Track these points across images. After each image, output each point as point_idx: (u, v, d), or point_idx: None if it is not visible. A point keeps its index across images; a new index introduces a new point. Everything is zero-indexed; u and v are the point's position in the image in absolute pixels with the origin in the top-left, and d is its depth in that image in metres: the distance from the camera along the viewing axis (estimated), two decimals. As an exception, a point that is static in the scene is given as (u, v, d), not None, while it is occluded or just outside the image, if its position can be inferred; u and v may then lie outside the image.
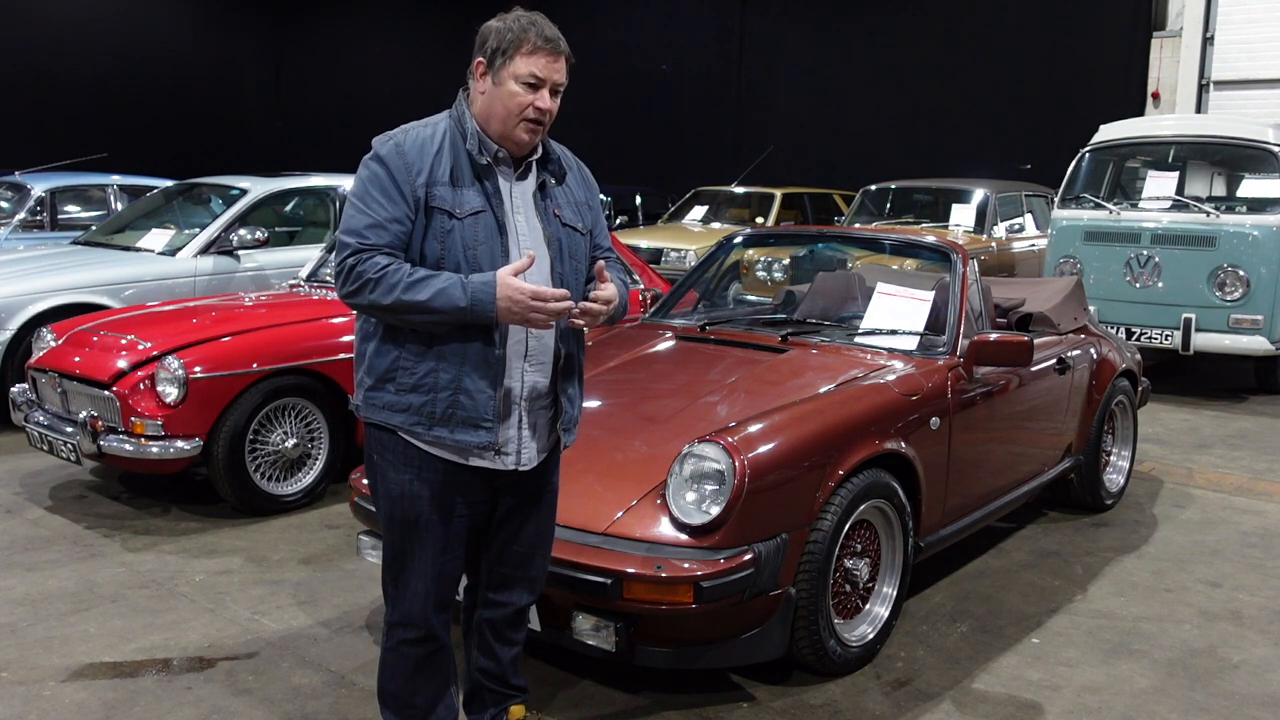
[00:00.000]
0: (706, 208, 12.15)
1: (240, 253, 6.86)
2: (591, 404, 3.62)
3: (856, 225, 9.96)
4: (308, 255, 6.71)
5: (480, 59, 2.38)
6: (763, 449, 3.02)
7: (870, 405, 3.45)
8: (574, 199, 2.55)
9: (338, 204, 7.50)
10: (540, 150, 2.47)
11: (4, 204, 9.18)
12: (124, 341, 4.84)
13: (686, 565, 2.83)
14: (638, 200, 14.01)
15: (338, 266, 2.32)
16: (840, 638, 3.26)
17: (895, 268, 5.76)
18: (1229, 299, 7.52)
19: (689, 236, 10.83)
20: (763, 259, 8.62)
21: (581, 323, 2.41)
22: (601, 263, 2.49)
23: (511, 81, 2.33)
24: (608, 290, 2.43)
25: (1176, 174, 8.20)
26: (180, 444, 4.52)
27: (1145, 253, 7.81)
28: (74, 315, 5.60)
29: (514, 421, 2.43)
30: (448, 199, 2.32)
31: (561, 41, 2.37)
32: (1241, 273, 7.46)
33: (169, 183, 8.54)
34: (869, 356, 3.92)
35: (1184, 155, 8.39)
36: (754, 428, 3.13)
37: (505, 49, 2.34)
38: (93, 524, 4.65)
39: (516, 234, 2.40)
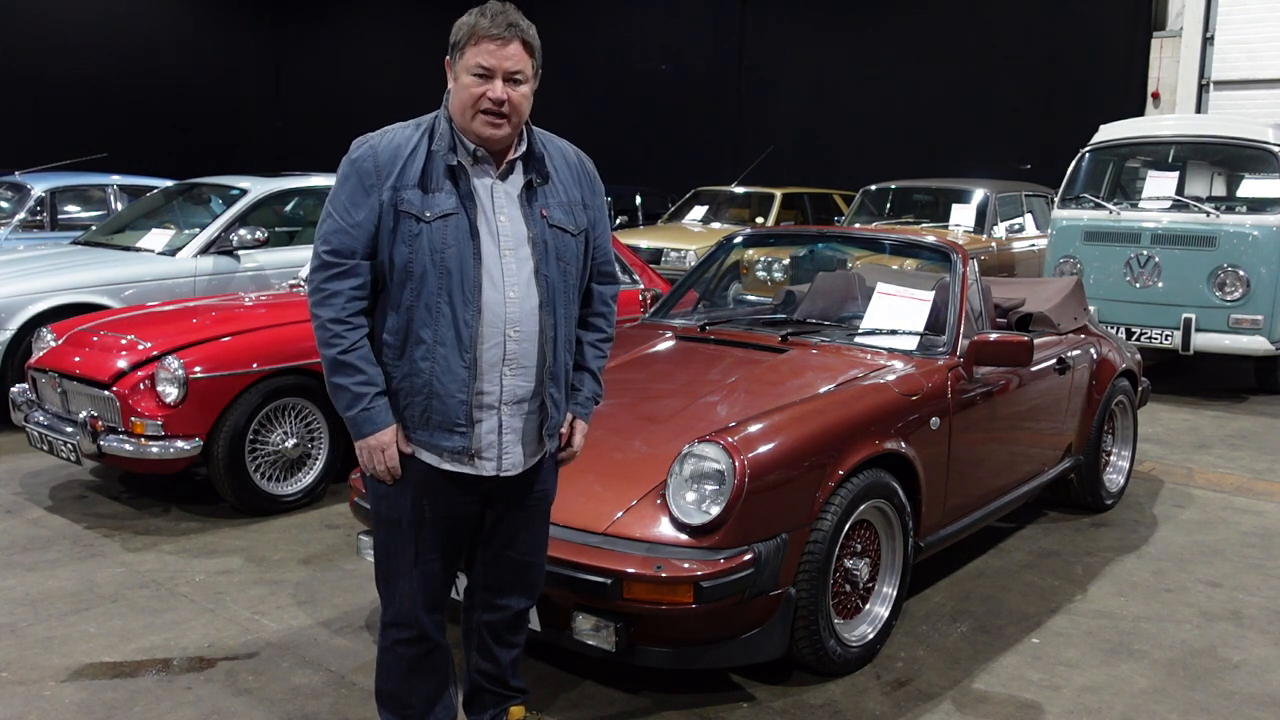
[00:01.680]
0: (706, 208, 12.14)
1: (240, 253, 6.85)
2: (591, 404, 3.61)
3: (856, 225, 9.96)
4: (308, 255, 6.65)
5: (448, 58, 2.38)
6: (763, 449, 3.02)
7: (870, 405, 3.45)
8: (567, 198, 2.48)
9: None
10: (525, 147, 2.42)
11: (4, 204, 9.18)
12: (124, 341, 4.84)
13: (686, 565, 2.83)
14: (638, 200, 14.00)
15: (309, 275, 2.37)
16: (840, 638, 3.26)
17: (895, 268, 5.76)
18: (1229, 299, 7.52)
19: (689, 236, 10.82)
20: (763, 259, 8.61)
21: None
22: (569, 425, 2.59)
23: (465, 75, 2.32)
24: (569, 452, 2.62)
25: (1176, 174, 8.20)
26: (180, 444, 4.52)
27: (1145, 253, 7.81)
28: (74, 315, 5.60)
29: (492, 426, 2.39)
30: (415, 203, 2.30)
31: (516, 28, 2.31)
32: (1241, 273, 7.46)
33: (169, 183, 8.54)
34: (869, 356, 3.92)
35: (1184, 155, 8.39)
36: (754, 428, 3.13)
37: (459, 42, 2.33)
38: (93, 524, 4.65)
39: (497, 235, 2.36)
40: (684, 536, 2.91)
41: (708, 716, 3.07)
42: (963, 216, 9.61)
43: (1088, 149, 8.57)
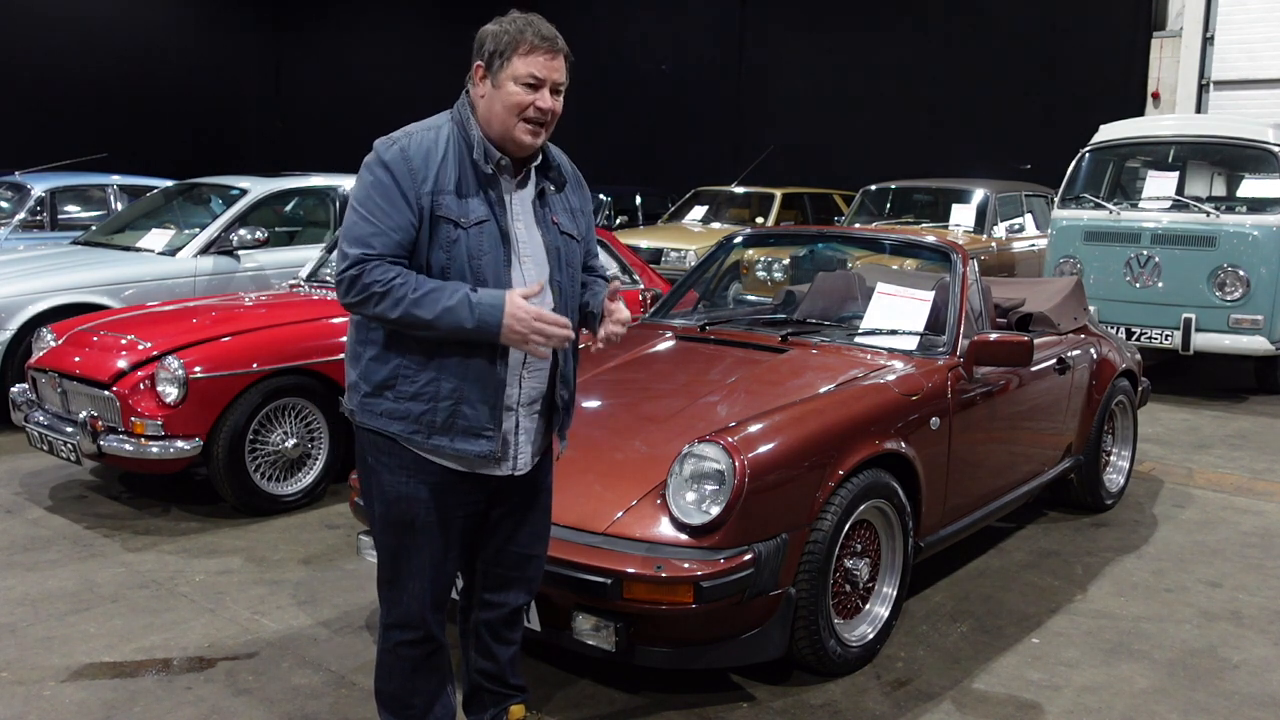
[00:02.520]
0: (706, 208, 12.15)
1: (240, 253, 6.86)
2: (591, 404, 3.62)
3: (856, 225, 9.96)
4: (308, 255, 6.71)
5: (479, 63, 2.37)
6: (763, 449, 3.02)
7: (870, 405, 3.45)
8: (570, 205, 2.55)
9: (338, 204, 7.50)
10: (540, 156, 2.46)
11: (4, 204, 9.18)
12: (124, 341, 4.84)
13: (686, 565, 2.83)
14: (638, 200, 14.00)
15: (339, 276, 2.29)
16: (840, 638, 3.26)
17: (895, 268, 5.76)
18: (1229, 299, 7.52)
19: (689, 236, 10.83)
20: (763, 259, 8.62)
21: (602, 345, 2.53)
22: (617, 283, 2.56)
23: (510, 83, 2.32)
24: (624, 311, 2.53)
25: (1176, 174, 8.20)
26: (180, 444, 4.52)
27: (1145, 253, 7.81)
28: (74, 315, 5.60)
29: (511, 428, 2.43)
30: (454, 208, 2.31)
31: (559, 40, 2.37)
32: (1241, 273, 7.46)
33: (169, 183, 8.54)
34: (869, 356, 3.92)
35: (1184, 155, 8.39)
36: (754, 428, 3.13)
37: (503, 51, 2.32)
38: (93, 524, 4.65)
39: (517, 242, 2.39)
40: (684, 536, 2.91)
41: (708, 716, 3.07)
42: (963, 216, 9.61)
43: (1088, 149, 8.57)
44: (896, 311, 4.10)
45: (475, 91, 2.39)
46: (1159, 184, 8.12)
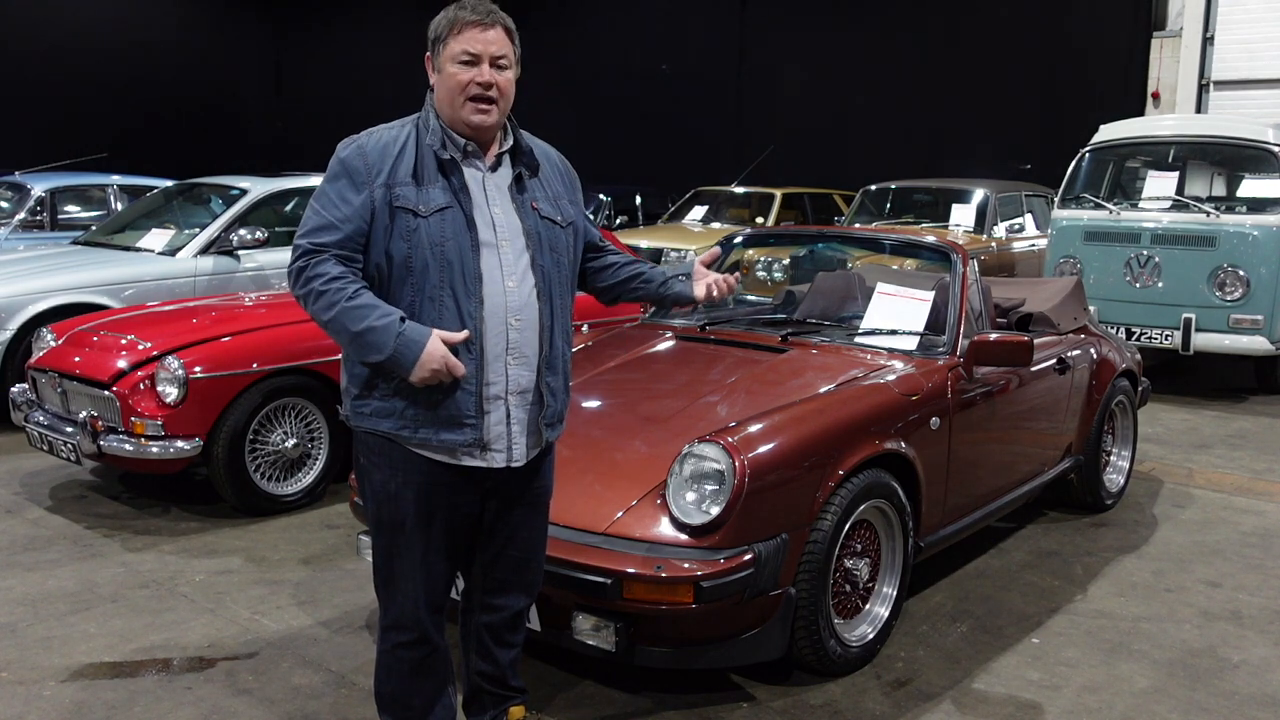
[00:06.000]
0: (706, 208, 12.15)
1: (240, 253, 6.86)
2: (591, 404, 3.62)
3: (856, 225, 9.96)
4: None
5: (428, 54, 2.42)
6: (763, 449, 3.02)
7: (870, 405, 3.45)
8: (552, 192, 2.54)
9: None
10: (511, 141, 2.47)
11: (4, 204, 9.18)
12: (124, 341, 4.84)
13: (686, 565, 2.83)
14: (638, 200, 14.00)
15: (290, 267, 2.35)
16: (840, 638, 3.26)
17: (895, 268, 5.76)
18: (1229, 299, 7.52)
19: (689, 236, 10.82)
20: (763, 259, 8.62)
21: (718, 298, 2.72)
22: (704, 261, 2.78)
23: (450, 64, 2.35)
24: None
25: (1176, 174, 8.19)
26: (180, 444, 4.52)
27: (1145, 253, 7.81)
28: (74, 315, 5.60)
29: (500, 418, 2.41)
30: (411, 198, 2.32)
31: (493, 14, 2.37)
32: (1241, 273, 7.46)
33: (169, 183, 8.54)
34: (869, 356, 3.92)
35: (1184, 155, 8.39)
36: (754, 428, 3.13)
37: (440, 35, 2.38)
38: (93, 524, 4.66)
39: (494, 227, 2.39)
40: (684, 536, 2.91)
41: (708, 716, 3.07)
42: (963, 216, 9.61)
43: (1088, 149, 8.57)
44: (896, 311, 4.10)
45: (432, 82, 2.43)
46: (1159, 184, 8.12)
